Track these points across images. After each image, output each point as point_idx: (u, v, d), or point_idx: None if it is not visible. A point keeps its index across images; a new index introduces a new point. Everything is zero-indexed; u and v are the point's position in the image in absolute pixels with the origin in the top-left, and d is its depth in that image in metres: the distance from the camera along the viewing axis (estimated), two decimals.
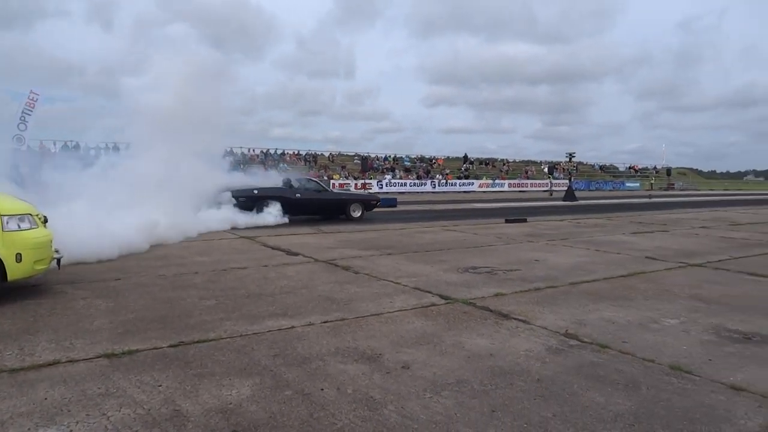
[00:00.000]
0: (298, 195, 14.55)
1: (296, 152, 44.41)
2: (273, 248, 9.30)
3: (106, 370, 3.60)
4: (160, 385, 3.35)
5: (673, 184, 59.65)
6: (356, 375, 3.56)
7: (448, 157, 53.95)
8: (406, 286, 6.34)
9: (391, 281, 6.60)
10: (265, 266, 7.55)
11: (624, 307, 5.48)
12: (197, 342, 4.20)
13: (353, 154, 48.62)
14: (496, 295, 5.92)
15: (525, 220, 15.13)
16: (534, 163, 59.00)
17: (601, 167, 63.30)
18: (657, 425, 2.89)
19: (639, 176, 61.79)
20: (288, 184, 14.94)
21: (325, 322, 4.80)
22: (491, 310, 5.25)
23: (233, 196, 13.43)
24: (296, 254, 8.63)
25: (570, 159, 35.03)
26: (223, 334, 4.40)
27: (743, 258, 8.78)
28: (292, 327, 4.63)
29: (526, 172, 52.88)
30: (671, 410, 3.08)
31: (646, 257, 8.73)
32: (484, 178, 46.84)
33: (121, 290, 5.96)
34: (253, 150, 41.27)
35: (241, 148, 38.69)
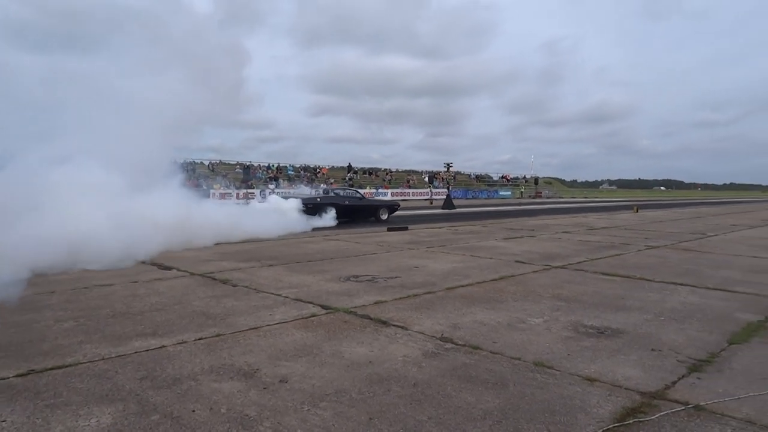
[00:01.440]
0: (347, 202, 18.09)
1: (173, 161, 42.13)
2: (143, 263, 8.71)
3: None
4: (3, 421, 2.98)
5: (540, 193, 64.62)
6: (231, 393, 3.42)
7: (333, 166, 54.27)
8: (287, 297, 6.23)
9: (272, 293, 6.45)
10: (135, 282, 7.04)
11: (495, 309, 5.79)
12: (51, 369, 3.80)
13: (235, 162, 47.22)
14: (377, 302, 6.00)
15: (406, 228, 15.55)
16: (415, 172, 61.03)
17: (477, 177, 67.00)
18: (521, 419, 3.08)
19: (511, 185, 66.22)
20: (336, 193, 18.70)
21: (199, 339, 4.56)
22: (371, 318, 5.31)
23: (303, 203, 16.47)
24: (170, 268, 8.16)
25: (448, 169, 36.67)
26: (82, 359, 4.02)
27: (598, 259, 9.68)
28: (162, 346, 4.35)
29: (408, 182, 54.52)
30: (534, 404, 3.30)
31: (516, 261, 9.33)
32: (368, 187, 47.54)
33: None
34: None
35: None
